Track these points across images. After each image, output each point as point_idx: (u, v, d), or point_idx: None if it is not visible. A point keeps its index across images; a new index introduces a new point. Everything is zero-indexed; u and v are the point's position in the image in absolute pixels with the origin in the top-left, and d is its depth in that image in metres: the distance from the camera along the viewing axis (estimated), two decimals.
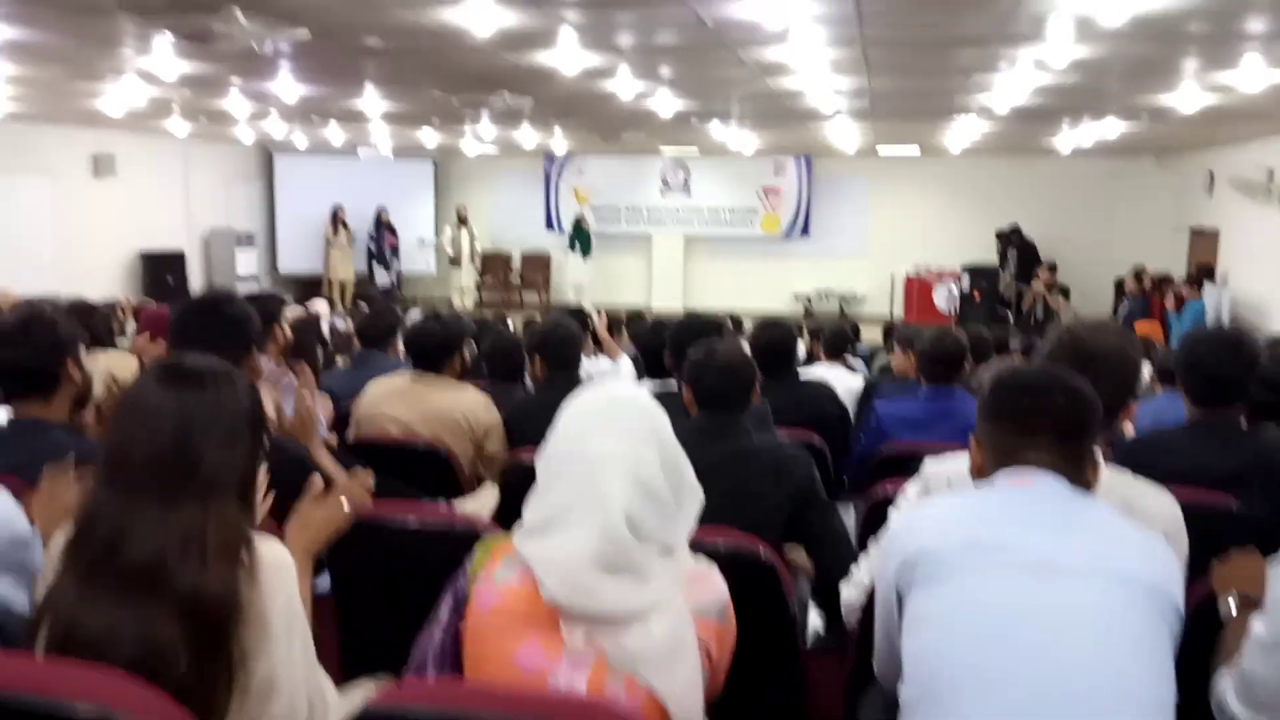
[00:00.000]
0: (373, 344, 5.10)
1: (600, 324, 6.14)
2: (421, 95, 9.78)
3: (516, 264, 17.76)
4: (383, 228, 16.85)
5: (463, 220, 16.55)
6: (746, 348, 3.58)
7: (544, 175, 17.71)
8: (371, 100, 10.44)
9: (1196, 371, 2.88)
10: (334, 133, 13.60)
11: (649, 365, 4.48)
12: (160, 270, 14.35)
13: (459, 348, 3.86)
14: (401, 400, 3.85)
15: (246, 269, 15.96)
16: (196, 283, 15.04)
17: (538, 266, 17.72)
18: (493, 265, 17.37)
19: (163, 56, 7.49)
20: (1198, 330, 3.03)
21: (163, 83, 8.79)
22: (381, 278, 16.89)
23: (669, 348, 4.00)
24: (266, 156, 16.78)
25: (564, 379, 3.90)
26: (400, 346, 4.48)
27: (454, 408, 3.81)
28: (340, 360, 6.16)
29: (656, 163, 17.12)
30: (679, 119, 11.42)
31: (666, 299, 16.80)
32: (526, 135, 13.69)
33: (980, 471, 1.92)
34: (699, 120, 11.79)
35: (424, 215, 17.67)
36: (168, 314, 3.29)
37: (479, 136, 13.91)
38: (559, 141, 14.87)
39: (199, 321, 2.62)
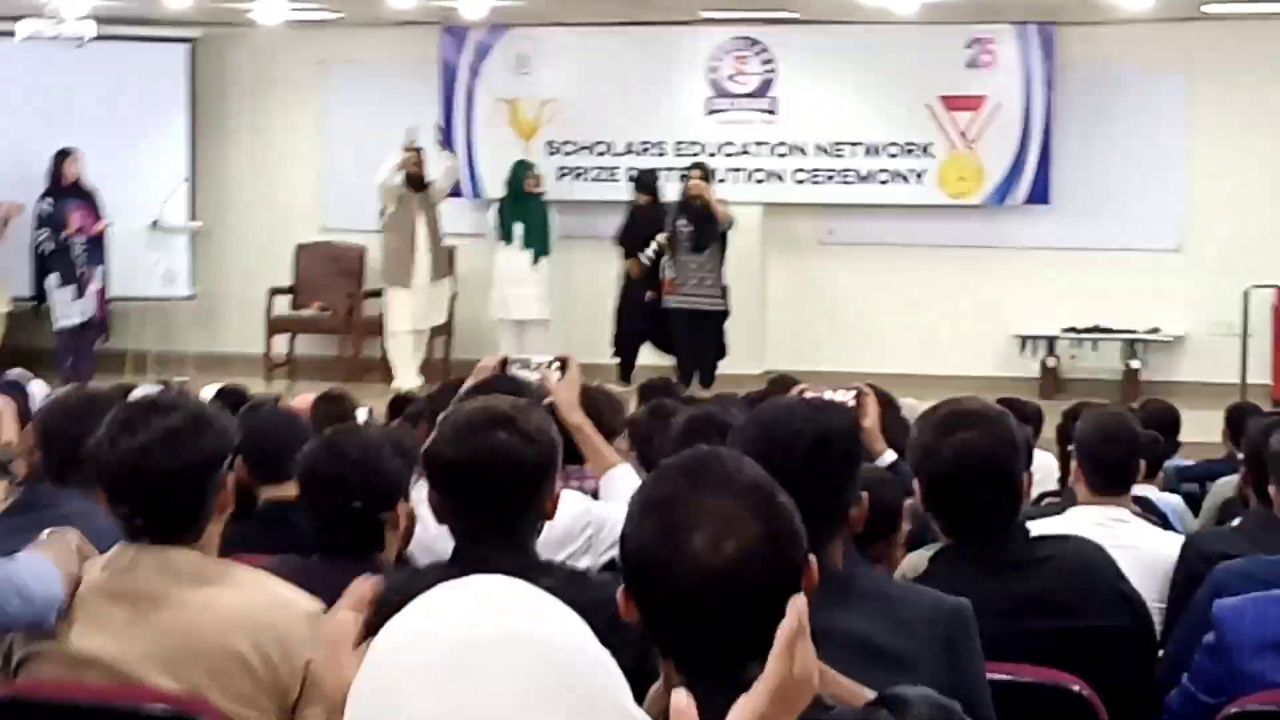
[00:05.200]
0: (57, 472, 4.24)
1: (564, 394, 4.86)
2: None
3: (375, 268, 14.70)
4: (66, 196, 13.83)
5: (415, 172, 13.20)
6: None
7: (440, 74, 14.94)
8: None
9: None
10: None
11: None
12: None
13: (221, 475, 3.29)
14: (111, 611, 3.22)
15: None
16: None
17: None
18: (318, 276, 14.57)
19: None
20: None
21: None
22: (67, 309, 13.73)
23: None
24: None
25: (499, 543, 3.20)
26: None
27: (228, 628, 3.19)
28: None
29: (698, 44, 14.56)
30: None
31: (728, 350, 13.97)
32: None
33: None
34: None
35: (165, 164, 14.85)
36: None
37: None
38: None
39: None
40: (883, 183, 14.13)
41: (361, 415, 7.86)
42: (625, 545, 2.18)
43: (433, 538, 4.28)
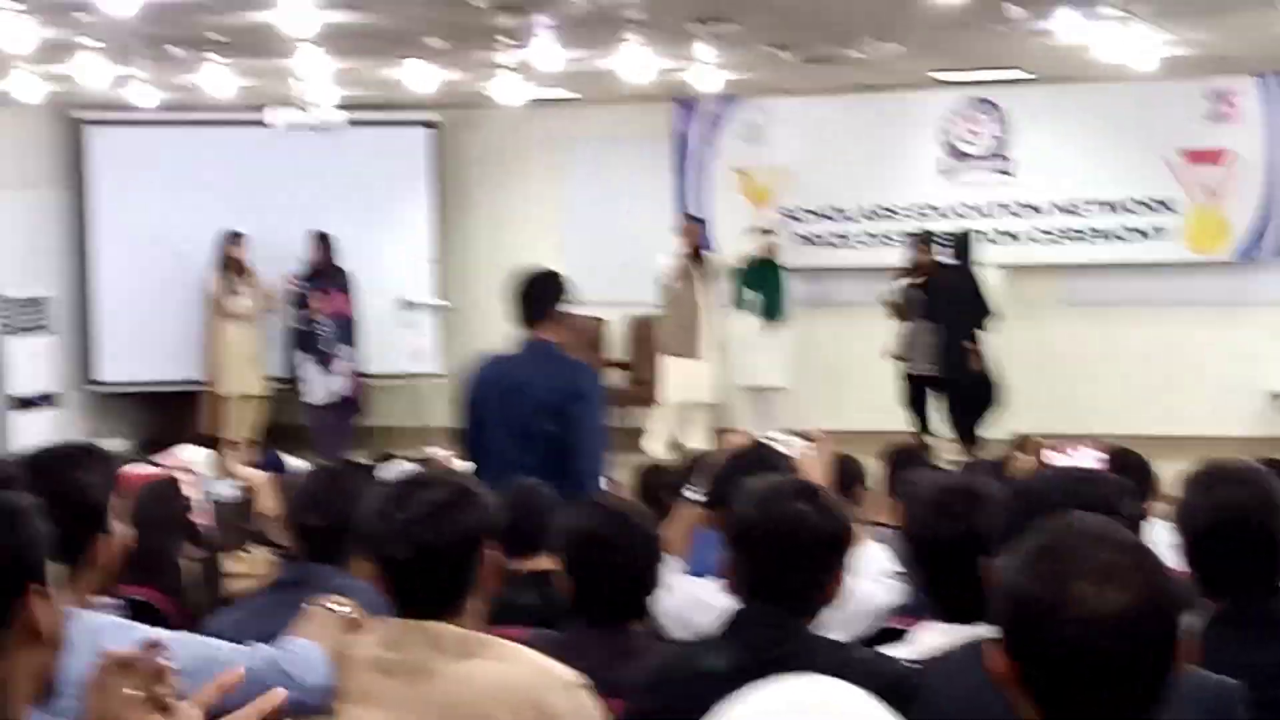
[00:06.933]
0: (317, 547, 4.33)
1: (815, 472, 4.59)
2: None
3: (617, 340, 15.12)
4: (317, 277, 14.21)
5: (696, 251, 13.55)
6: (1161, 533, 3.63)
7: (675, 144, 15.08)
8: (297, 6, 8.78)
9: None
10: (216, 77, 11.81)
11: (937, 572, 3.69)
12: None
13: (484, 549, 3.29)
14: (381, 685, 3.25)
15: (29, 380, 13.70)
16: None
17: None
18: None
19: None
20: None
21: None
22: (315, 387, 13.97)
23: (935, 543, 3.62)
24: (70, 129, 14.81)
25: (779, 618, 3.34)
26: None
27: (490, 699, 3.20)
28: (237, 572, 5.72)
29: (929, 106, 14.56)
30: (975, 6, 9.36)
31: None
32: (636, 60, 11.14)
33: None
34: (1027, 8, 9.53)
35: (411, 244, 15.10)
36: None
37: (528, 69, 11.61)
38: (707, 71, 11.90)
39: None
40: (1125, 240, 13.83)
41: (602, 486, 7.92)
42: (1006, 595, 2.18)
43: (684, 606, 4.28)
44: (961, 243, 13.30)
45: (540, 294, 6.39)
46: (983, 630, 3.07)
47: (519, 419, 6.17)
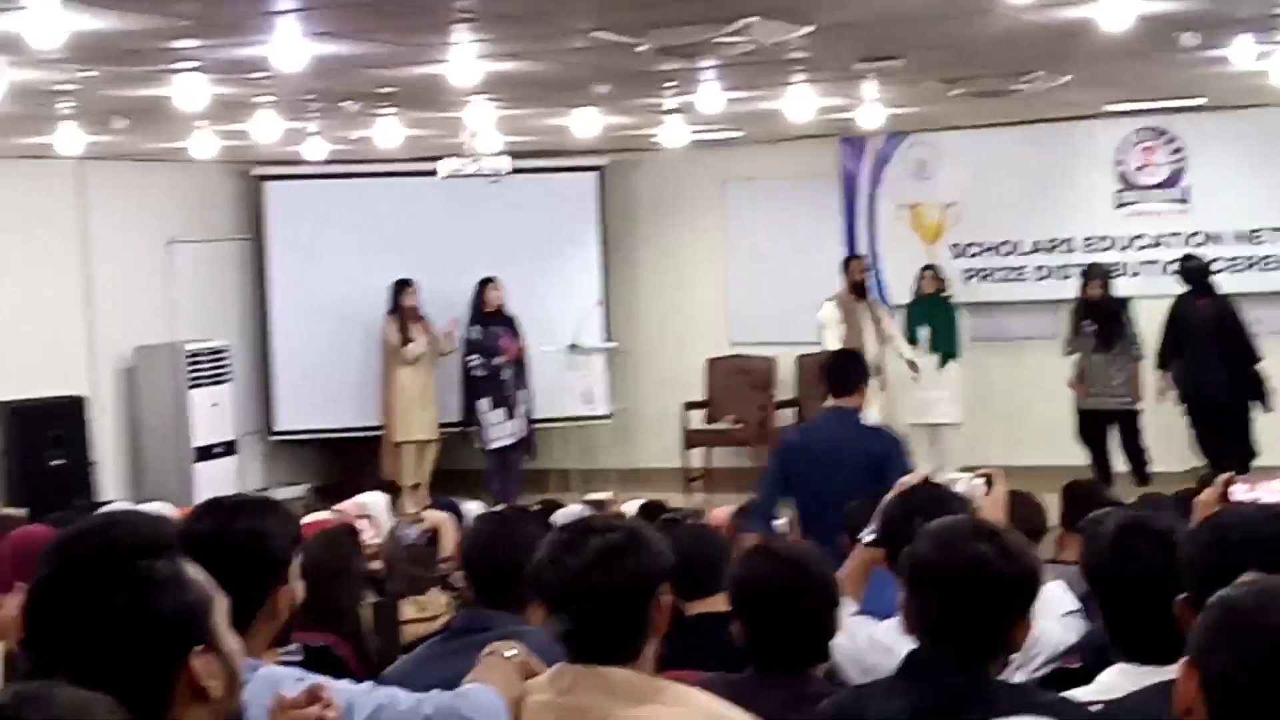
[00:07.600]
0: (492, 592, 4.27)
1: (989, 510, 4.69)
2: (565, 40, 8.53)
3: (785, 379, 14.87)
4: (491, 322, 14.26)
5: (858, 280, 13.65)
6: None
7: (842, 182, 14.93)
8: (464, 58, 8.72)
9: None
10: (386, 129, 12.01)
11: (1118, 611, 3.56)
12: (36, 436, 12.78)
13: (657, 593, 3.25)
14: None
15: (212, 429, 13.93)
16: (112, 478, 13.44)
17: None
18: (729, 389, 14.55)
19: None
20: None
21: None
22: (498, 431, 13.97)
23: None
24: (249, 186, 15.28)
25: (957, 661, 3.24)
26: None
27: None
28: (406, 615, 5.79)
29: (1102, 137, 14.25)
30: (1146, 35, 8.83)
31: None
32: (801, 100, 11.22)
33: None
34: (1201, 35, 9.07)
35: (579, 287, 15.17)
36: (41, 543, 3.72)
37: (693, 113, 11.73)
38: (874, 109, 12.08)
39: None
40: None
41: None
42: (1202, 624, 2.18)
43: (862, 650, 4.19)
44: (1198, 272, 12.86)
45: (850, 369, 7.40)
46: (1165, 671, 3.04)
47: (838, 480, 6.71)
